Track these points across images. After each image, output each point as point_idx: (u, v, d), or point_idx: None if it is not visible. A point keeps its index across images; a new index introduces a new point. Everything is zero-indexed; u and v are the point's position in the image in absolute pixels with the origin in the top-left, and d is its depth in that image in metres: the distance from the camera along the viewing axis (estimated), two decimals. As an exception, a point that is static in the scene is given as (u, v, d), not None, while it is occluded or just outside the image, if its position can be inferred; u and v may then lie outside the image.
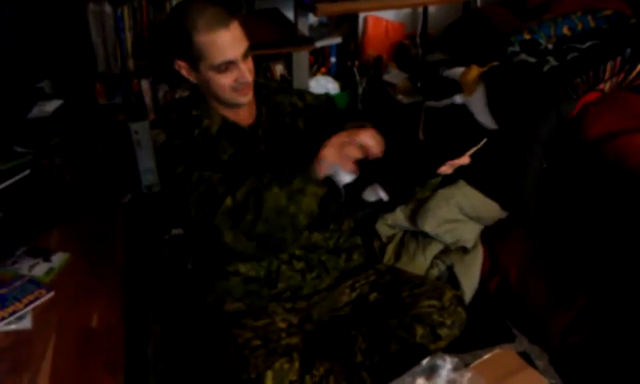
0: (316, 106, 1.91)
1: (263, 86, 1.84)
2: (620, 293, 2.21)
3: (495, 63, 1.43)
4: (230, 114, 1.75)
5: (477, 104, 1.38)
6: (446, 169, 1.56)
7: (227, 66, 1.62)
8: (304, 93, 1.96)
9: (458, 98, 1.41)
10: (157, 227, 2.67)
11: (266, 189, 1.55)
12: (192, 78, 1.69)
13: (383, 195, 1.50)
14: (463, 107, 1.40)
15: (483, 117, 1.37)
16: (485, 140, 1.46)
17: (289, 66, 3.04)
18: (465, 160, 1.53)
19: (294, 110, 1.85)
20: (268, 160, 1.74)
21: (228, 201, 1.58)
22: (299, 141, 1.81)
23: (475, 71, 1.39)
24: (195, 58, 1.63)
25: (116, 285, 2.21)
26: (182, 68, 1.68)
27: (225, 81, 1.64)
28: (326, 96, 2.00)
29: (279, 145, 1.79)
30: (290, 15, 3.02)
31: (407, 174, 1.52)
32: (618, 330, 2.16)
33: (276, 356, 1.62)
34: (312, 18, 3.29)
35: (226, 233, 1.59)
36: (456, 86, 1.45)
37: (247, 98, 1.71)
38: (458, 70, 1.45)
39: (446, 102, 1.43)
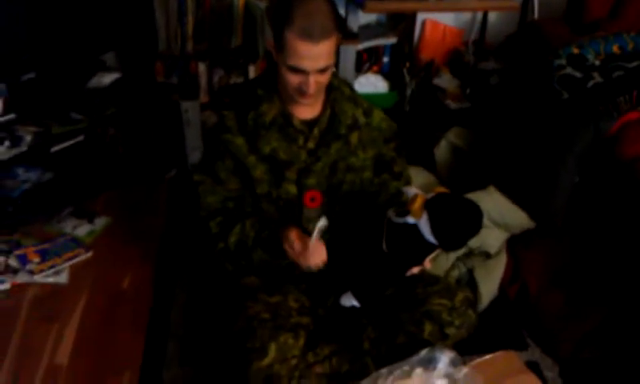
0: (378, 128, 1.91)
1: (336, 88, 1.85)
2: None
3: (441, 190, 1.60)
4: (291, 103, 1.79)
5: (423, 227, 1.57)
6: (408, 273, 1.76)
7: (298, 70, 1.66)
8: (374, 111, 1.92)
9: (410, 219, 1.59)
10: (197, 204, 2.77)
11: (253, 250, 1.79)
12: (273, 54, 1.74)
13: (355, 303, 1.78)
14: (415, 226, 1.59)
15: (429, 237, 1.57)
16: (438, 250, 1.69)
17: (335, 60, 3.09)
18: (427, 265, 1.76)
19: (353, 123, 1.85)
20: (309, 159, 1.81)
21: (221, 244, 1.82)
22: (347, 154, 1.84)
23: (420, 200, 1.56)
24: (278, 45, 1.67)
25: (151, 253, 2.32)
26: (270, 44, 1.73)
27: (292, 79, 1.69)
28: (397, 129, 1.98)
29: (326, 150, 1.82)
30: (342, 11, 3.06)
31: (375, 284, 1.77)
32: (633, 351, 2.14)
33: (282, 331, 1.69)
34: (368, 16, 3.34)
35: (227, 264, 1.87)
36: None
37: (306, 101, 1.75)
38: (413, 190, 1.63)
39: (401, 220, 1.61)
